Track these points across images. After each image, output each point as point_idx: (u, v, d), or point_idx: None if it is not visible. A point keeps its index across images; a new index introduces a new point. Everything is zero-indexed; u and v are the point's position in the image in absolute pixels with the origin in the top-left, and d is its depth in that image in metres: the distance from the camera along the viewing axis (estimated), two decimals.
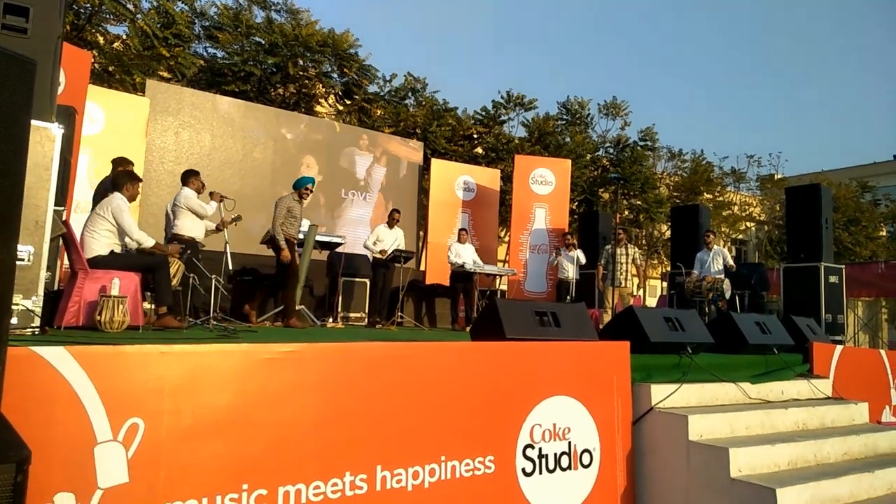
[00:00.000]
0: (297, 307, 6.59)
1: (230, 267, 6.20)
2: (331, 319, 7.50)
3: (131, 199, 4.70)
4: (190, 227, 5.76)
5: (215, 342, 3.28)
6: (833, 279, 9.06)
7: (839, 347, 5.29)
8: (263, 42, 12.51)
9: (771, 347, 4.81)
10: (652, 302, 19.79)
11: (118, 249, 4.52)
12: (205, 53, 12.83)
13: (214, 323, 4.99)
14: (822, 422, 4.31)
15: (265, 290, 7.08)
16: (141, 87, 9.90)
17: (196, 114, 9.80)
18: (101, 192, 6.00)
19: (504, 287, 10.84)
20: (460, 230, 9.51)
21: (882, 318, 20.64)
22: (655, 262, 20.42)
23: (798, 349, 5.09)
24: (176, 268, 4.70)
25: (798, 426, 4.13)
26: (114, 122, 8.43)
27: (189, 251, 5.46)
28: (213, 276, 5.21)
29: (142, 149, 8.81)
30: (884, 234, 22.35)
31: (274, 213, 6.49)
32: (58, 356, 2.11)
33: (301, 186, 6.64)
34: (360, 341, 2.98)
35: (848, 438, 4.03)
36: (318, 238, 7.07)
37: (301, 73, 13.12)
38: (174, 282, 4.61)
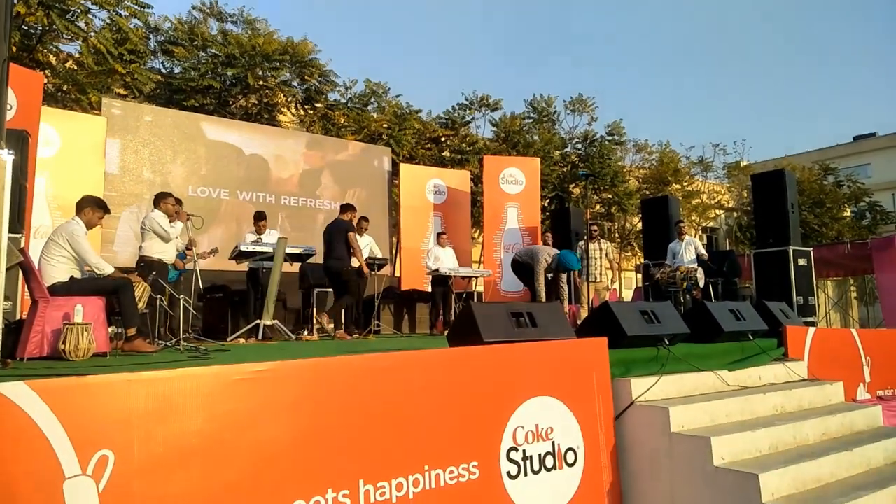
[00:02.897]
0: (271, 322, 6.51)
1: (200, 285, 6.10)
2: (306, 332, 7.42)
3: (89, 225, 4.58)
4: (157, 248, 5.69)
5: (186, 365, 3.21)
6: (802, 262, 9.26)
7: (812, 329, 5.40)
8: (220, 54, 12.36)
9: (746, 334, 4.88)
10: (628, 294, 20.00)
11: (78, 275, 4.41)
12: (161, 69, 12.64)
13: (185, 344, 4.89)
14: (799, 404, 4.38)
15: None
16: (97, 106, 9.71)
17: (156, 130, 9.63)
18: (330, 231, 6.89)
19: (480, 289, 10.86)
20: (439, 234, 9.49)
21: (851, 297, 21.17)
22: (629, 253, 20.66)
23: (772, 334, 5.18)
24: (142, 290, 4.60)
25: (777, 410, 4.19)
26: (70, 143, 8.23)
27: (155, 273, 5.35)
28: (182, 297, 5.11)
29: (101, 169, 8.63)
30: (848, 214, 22.91)
31: (536, 269, 7.74)
32: (17, 392, 2.04)
33: (566, 269, 8.10)
34: (335, 354, 2.94)
35: (826, 419, 4.10)
36: (289, 250, 6.99)
37: (261, 83, 13.00)
38: (140, 305, 4.51)
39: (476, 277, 9.76)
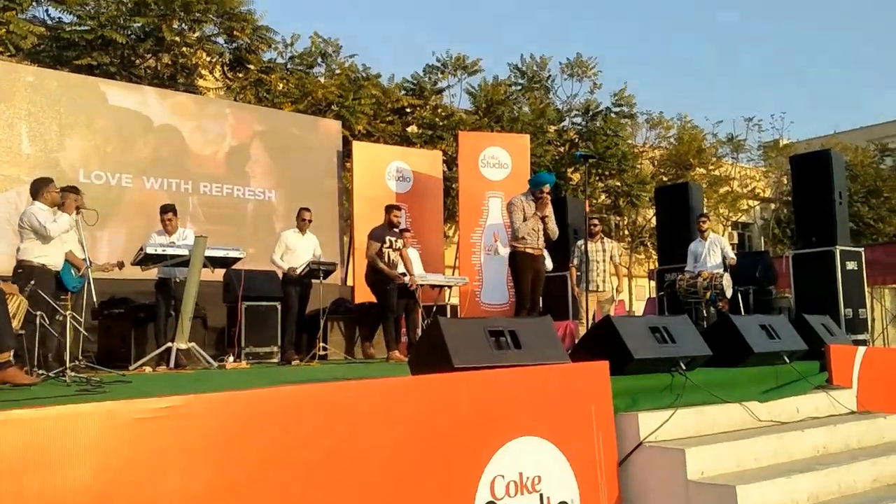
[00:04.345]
0: (186, 346, 6.45)
1: (94, 299, 6.00)
2: (232, 357, 7.36)
3: None
4: (38, 251, 5.61)
5: (72, 400, 3.18)
6: (851, 265, 9.39)
7: (862, 349, 5.51)
8: (126, 0, 12.22)
9: (781, 355, 4.97)
10: (639, 306, 20.23)
11: None
12: (46, 18, 12.45)
13: (73, 375, 4.82)
14: (846, 443, 4.48)
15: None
16: None
17: (38, 98, 9.48)
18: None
19: (455, 300, 10.89)
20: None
21: None
22: (641, 256, 20.90)
23: (813, 355, 5.28)
24: (17, 304, 4.53)
25: (818, 451, 4.28)
26: None
27: (34, 282, 5.28)
28: (70, 313, 5.05)
29: None
30: None
31: (511, 219, 6.91)
32: None
33: (538, 186, 6.94)
34: (266, 386, 2.94)
35: (878, 461, 4.19)
36: (210, 253, 6.93)
37: (178, 38, 12.88)
38: (15, 323, 4.44)
39: (449, 287, 9.79)
